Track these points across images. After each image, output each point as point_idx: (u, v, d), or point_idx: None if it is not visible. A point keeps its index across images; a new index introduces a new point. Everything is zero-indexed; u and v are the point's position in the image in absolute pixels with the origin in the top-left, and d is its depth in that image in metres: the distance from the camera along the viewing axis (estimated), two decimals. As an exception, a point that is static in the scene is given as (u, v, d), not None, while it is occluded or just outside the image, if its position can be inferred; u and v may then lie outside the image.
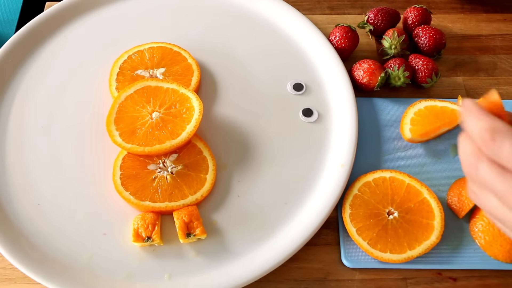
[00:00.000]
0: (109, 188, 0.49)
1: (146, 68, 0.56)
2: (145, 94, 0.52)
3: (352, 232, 0.47)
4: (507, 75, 0.60)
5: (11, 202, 0.49)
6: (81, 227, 0.48)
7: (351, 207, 0.48)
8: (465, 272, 0.48)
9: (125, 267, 0.46)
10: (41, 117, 0.54)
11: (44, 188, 0.50)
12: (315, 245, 0.49)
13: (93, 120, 0.54)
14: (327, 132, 0.54)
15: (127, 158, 0.50)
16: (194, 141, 0.51)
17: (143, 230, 0.46)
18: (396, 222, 0.47)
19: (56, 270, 0.45)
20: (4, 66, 0.57)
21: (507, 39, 0.64)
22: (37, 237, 0.47)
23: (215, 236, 0.48)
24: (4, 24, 0.76)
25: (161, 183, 0.48)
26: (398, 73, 0.56)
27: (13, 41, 0.58)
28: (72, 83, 0.57)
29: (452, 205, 0.50)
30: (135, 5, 0.63)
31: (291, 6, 0.62)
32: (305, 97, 0.57)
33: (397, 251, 0.46)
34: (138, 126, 0.50)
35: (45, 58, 0.59)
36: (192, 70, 0.56)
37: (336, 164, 0.51)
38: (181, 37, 0.60)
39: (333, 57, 0.58)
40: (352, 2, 0.67)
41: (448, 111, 0.53)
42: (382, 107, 0.57)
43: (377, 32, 0.62)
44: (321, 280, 0.47)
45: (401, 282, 0.47)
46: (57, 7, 0.61)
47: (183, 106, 0.51)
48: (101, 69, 0.57)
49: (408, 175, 0.50)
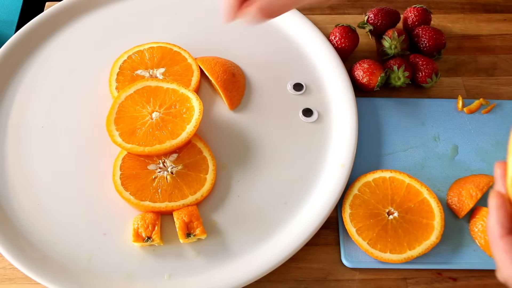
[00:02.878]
0: (109, 188, 0.49)
1: (146, 68, 0.56)
2: (145, 94, 0.52)
3: (352, 232, 0.47)
4: (507, 75, 0.60)
5: (11, 202, 0.49)
6: (81, 227, 0.48)
7: (351, 207, 0.48)
8: (465, 272, 0.48)
9: (125, 267, 0.46)
10: (41, 117, 0.54)
11: (44, 188, 0.50)
12: (315, 245, 0.49)
13: (93, 120, 0.54)
14: (327, 132, 0.54)
15: (127, 158, 0.50)
16: (194, 141, 0.51)
17: (143, 230, 0.46)
18: (396, 222, 0.47)
19: (56, 270, 0.45)
20: (4, 66, 0.57)
21: (507, 39, 0.64)
22: (37, 237, 0.47)
23: (215, 236, 0.48)
24: (4, 24, 0.76)
25: (161, 183, 0.48)
26: (398, 73, 0.56)
27: (13, 41, 0.58)
28: (72, 83, 0.57)
29: (452, 205, 0.50)
30: (135, 5, 0.63)
31: (291, 6, 0.62)
32: (305, 97, 0.57)
33: (397, 251, 0.46)
34: (138, 126, 0.50)
35: (45, 58, 0.59)
36: (192, 70, 0.56)
37: (336, 164, 0.51)
38: (181, 37, 0.60)
39: (333, 57, 0.58)
40: (352, 2, 0.67)
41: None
42: (382, 107, 0.57)
43: (377, 32, 0.62)
44: (321, 280, 0.47)
45: (401, 282, 0.47)
46: (57, 7, 0.61)
47: (183, 106, 0.51)
48: (101, 69, 0.57)
49: (408, 175, 0.50)
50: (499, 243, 0.32)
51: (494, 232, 0.33)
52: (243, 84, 0.57)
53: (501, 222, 0.33)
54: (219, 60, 0.56)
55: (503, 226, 0.33)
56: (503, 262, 0.32)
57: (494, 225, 0.33)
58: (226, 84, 0.54)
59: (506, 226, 0.33)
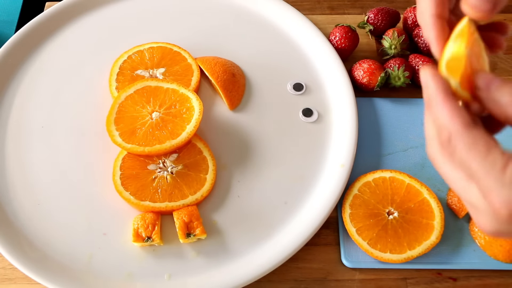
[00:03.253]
0: (109, 188, 0.49)
1: (146, 68, 0.56)
2: (145, 94, 0.52)
3: (352, 232, 0.47)
4: (507, 75, 0.60)
5: (11, 202, 0.49)
6: (81, 227, 0.48)
7: (351, 207, 0.48)
8: (465, 272, 0.48)
9: (125, 267, 0.46)
10: (41, 117, 0.54)
11: (44, 188, 0.50)
12: (315, 245, 0.49)
13: (93, 120, 0.54)
14: (327, 132, 0.54)
15: (127, 158, 0.50)
16: (194, 141, 0.51)
17: (143, 230, 0.46)
18: (396, 222, 0.47)
19: (56, 270, 0.45)
20: (4, 66, 0.56)
21: (507, 39, 0.63)
22: (37, 237, 0.47)
23: (215, 236, 0.48)
24: (4, 24, 0.76)
25: (161, 183, 0.48)
26: (398, 73, 0.56)
27: (13, 41, 0.58)
28: (72, 83, 0.57)
29: (452, 205, 0.50)
30: (135, 5, 0.63)
31: (291, 6, 0.62)
32: (305, 97, 0.57)
33: (397, 251, 0.46)
34: (138, 126, 0.50)
35: (45, 58, 0.59)
36: (192, 70, 0.56)
37: (336, 164, 0.51)
38: (181, 37, 0.60)
39: (333, 57, 0.58)
40: (352, 2, 0.67)
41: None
42: (382, 107, 0.57)
43: (377, 32, 0.62)
44: (321, 280, 0.47)
45: (401, 282, 0.47)
46: (57, 7, 0.61)
47: (183, 106, 0.51)
48: (101, 69, 0.57)
49: (408, 175, 0.50)
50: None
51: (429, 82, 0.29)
52: (243, 84, 0.57)
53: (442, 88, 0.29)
54: (219, 60, 0.56)
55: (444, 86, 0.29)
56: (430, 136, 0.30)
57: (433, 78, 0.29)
58: (226, 84, 0.54)
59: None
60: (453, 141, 0.28)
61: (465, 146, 0.27)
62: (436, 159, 0.30)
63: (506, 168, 0.26)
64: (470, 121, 0.27)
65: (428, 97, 0.29)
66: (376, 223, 0.47)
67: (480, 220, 0.29)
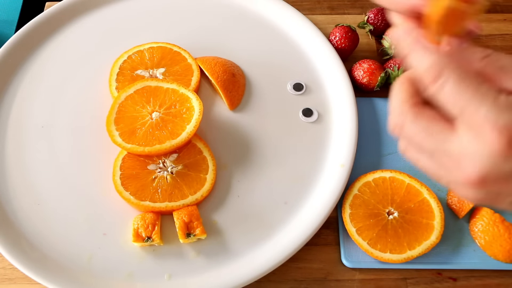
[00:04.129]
0: (109, 188, 0.49)
1: (146, 68, 0.56)
2: (145, 94, 0.52)
3: (352, 232, 0.47)
4: (507, 75, 0.60)
5: (11, 202, 0.49)
6: (81, 227, 0.48)
7: (351, 207, 0.48)
8: (465, 272, 0.48)
9: (125, 267, 0.46)
10: (41, 117, 0.54)
11: (44, 188, 0.50)
12: (315, 245, 0.49)
13: (93, 120, 0.54)
14: (327, 132, 0.54)
15: (127, 158, 0.50)
16: (194, 141, 0.51)
17: (143, 230, 0.46)
18: (396, 222, 0.47)
19: (56, 270, 0.45)
20: (4, 66, 0.56)
21: (507, 39, 0.64)
22: (37, 237, 0.47)
23: (215, 236, 0.48)
24: (4, 24, 0.76)
25: (161, 183, 0.49)
26: (398, 73, 0.56)
27: (13, 41, 0.58)
28: (72, 83, 0.57)
29: (452, 205, 0.50)
30: (135, 5, 0.63)
31: (291, 6, 0.62)
32: (305, 97, 0.57)
33: (397, 251, 0.46)
34: (138, 126, 0.50)
35: (45, 58, 0.59)
36: (192, 70, 0.56)
37: (336, 164, 0.51)
38: (181, 37, 0.60)
39: (333, 57, 0.58)
40: (352, 2, 0.67)
41: None
42: (382, 107, 0.57)
43: (377, 32, 0.62)
44: (321, 280, 0.47)
45: (401, 282, 0.47)
46: (57, 7, 0.61)
47: (183, 106, 0.51)
48: (101, 69, 0.57)
49: (408, 175, 0.50)
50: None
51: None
52: (243, 84, 0.57)
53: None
54: (219, 60, 0.56)
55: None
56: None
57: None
58: (226, 84, 0.54)
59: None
60: (445, 75, 0.27)
61: (456, 80, 0.26)
62: (406, 118, 0.30)
63: (500, 95, 0.25)
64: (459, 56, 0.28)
65: (407, 47, 0.29)
66: (376, 223, 0.47)
67: (467, 169, 0.26)
